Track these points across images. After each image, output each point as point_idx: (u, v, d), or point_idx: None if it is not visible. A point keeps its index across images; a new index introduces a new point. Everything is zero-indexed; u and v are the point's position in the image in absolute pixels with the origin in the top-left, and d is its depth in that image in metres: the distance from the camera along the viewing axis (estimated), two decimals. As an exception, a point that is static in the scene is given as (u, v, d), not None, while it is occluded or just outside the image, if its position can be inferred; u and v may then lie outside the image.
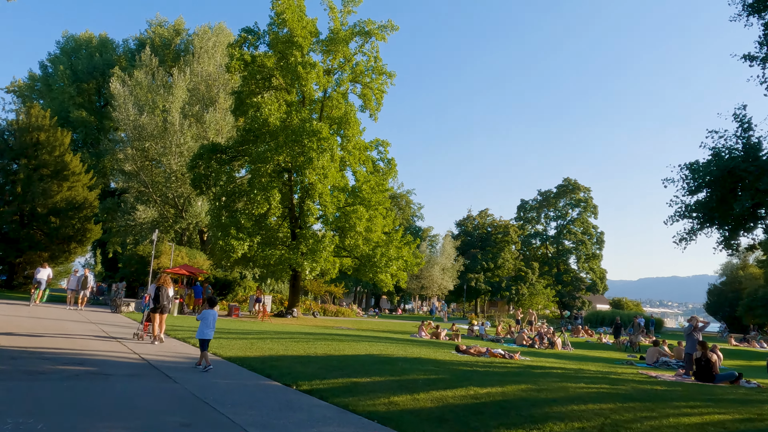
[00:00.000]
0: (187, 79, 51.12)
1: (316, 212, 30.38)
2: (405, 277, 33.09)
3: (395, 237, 33.25)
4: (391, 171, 35.76)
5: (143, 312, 14.31)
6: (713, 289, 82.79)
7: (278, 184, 29.96)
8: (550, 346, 24.24)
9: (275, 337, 15.90)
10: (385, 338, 18.79)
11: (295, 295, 33.97)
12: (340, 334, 19.12)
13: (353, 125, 31.31)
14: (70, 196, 37.06)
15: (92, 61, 62.92)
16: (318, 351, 12.46)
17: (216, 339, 14.16)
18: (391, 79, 35.43)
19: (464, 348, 13.92)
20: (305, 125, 28.97)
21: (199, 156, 34.16)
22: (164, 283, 13.08)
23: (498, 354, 13.35)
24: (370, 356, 11.97)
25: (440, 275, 62.06)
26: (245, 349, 12.45)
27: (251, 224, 29.88)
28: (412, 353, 13.03)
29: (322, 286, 46.51)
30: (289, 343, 14.09)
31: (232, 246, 28.48)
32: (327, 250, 29.22)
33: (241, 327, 20.39)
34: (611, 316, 66.44)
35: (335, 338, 16.04)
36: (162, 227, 52.81)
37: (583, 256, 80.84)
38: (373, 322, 37.38)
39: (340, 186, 32.12)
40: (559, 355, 19.35)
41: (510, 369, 11.31)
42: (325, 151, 28.94)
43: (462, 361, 12.02)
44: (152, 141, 49.40)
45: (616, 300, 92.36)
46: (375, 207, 32.48)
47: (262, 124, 29.83)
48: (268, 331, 18.25)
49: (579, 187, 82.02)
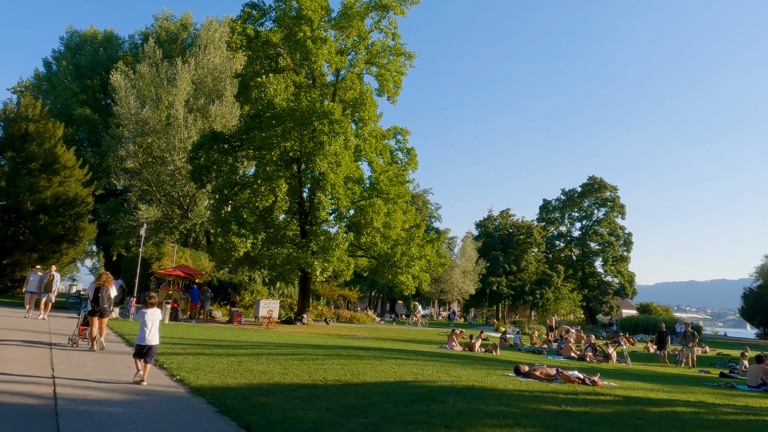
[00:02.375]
0: (191, 70, 48.08)
1: (329, 206, 26.87)
2: (428, 279, 29.45)
3: (417, 234, 29.63)
4: (411, 162, 32.20)
5: (79, 315, 12.89)
6: (749, 294, 78.18)
7: (285, 173, 26.53)
8: (605, 359, 20.45)
9: (275, 352, 12.36)
10: (412, 351, 15.18)
11: (305, 299, 30.46)
12: (356, 346, 15.52)
13: (369, 107, 27.80)
14: (61, 192, 34.00)
15: (96, 56, 60.35)
16: (328, 376, 8.89)
17: (196, 356, 10.69)
18: (410, 61, 31.98)
19: (526, 369, 10.30)
20: (315, 105, 25.55)
21: (199, 145, 30.91)
22: (105, 283, 11.47)
23: (575, 378, 9.72)
24: (402, 385, 8.38)
25: (461, 278, 58.24)
26: (228, 372, 8.94)
27: (255, 219, 26.47)
28: (459, 378, 9.42)
29: (335, 290, 42.98)
30: (290, 362, 10.55)
31: (233, 243, 25.08)
32: (340, 248, 25.71)
33: (238, 337, 16.91)
34: (645, 322, 62.03)
35: (351, 353, 12.45)
36: (166, 228, 49.78)
37: (610, 259, 76.42)
38: (392, 329, 33.75)
39: (355, 177, 28.62)
40: (629, 373, 15.62)
41: (621, 410, 7.63)
42: (338, 135, 25.49)
43: (536, 393, 8.39)
44: (155, 136, 46.46)
45: (644, 305, 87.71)
46: (394, 200, 28.93)
47: (267, 106, 26.45)
48: (269, 344, 14.73)
49: (605, 186, 77.71)
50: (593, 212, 79.71)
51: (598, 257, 78.83)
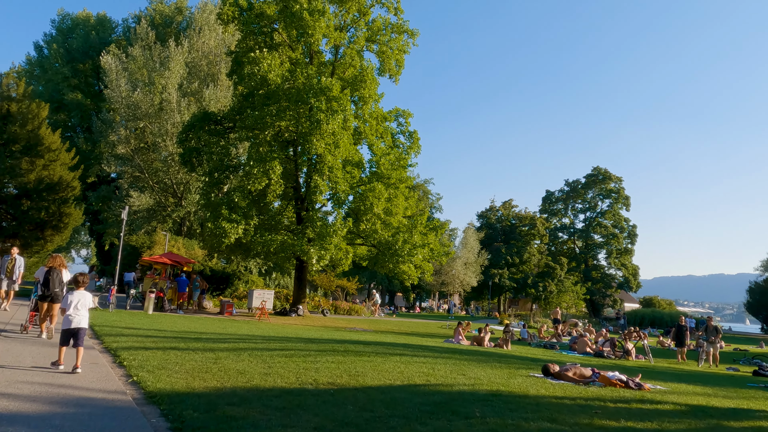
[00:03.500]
0: (185, 52, 46.22)
1: (326, 190, 25.17)
2: (431, 268, 27.83)
3: (420, 221, 27.96)
4: (413, 145, 30.47)
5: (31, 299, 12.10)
6: (755, 288, 76.59)
7: (279, 155, 24.81)
8: (624, 354, 18.85)
9: (261, 346, 10.74)
10: (417, 346, 13.55)
11: (301, 289, 28.82)
12: (354, 340, 13.88)
13: (370, 85, 26.05)
14: (45, 176, 32.22)
15: (88, 40, 58.41)
16: (321, 378, 7.25)
17: (167, 351, 9.07)
18: (413, 39, 30.24)
19: (556, 370, 8.67)
20: (312, 81, 23.80)
21: (189, 127, 29.18)
22: (58, 266, 10.21)
23: (617, 381, 8.09)
24: (412, 390, 6.75)
25: (462, 270, 56.61)
26: (199, 371, 7.32)
27: (247, 204, 24.78)
28: (479, 381, 7.78)
29: (333, 281, 41.35)
30: (277, 359, 8.92)
31: (223, 229, 23.42)
32: (338, 235, 24.06)
33: (224, 329, 15.28)
34: (651, 316, 60.61)
35: (348, 349, 10.81)
36: (159, 216, 48.12)
37: (614, 251, 74.81)
38: (392, 322, 32.17)
39: (355, 160, 26.90)
40: (659, 371, 14.02)
41: (697, 426, 6.00)
42: (336, 113, 23.76)
43: (579, 401, 6.75)
44: (147, 121, 44.73)
45: (647, 299, 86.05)
46: (395, 185, 27.25)
47: (260, 83, 24.69)
48: (256, 337, 13.10)
49: (610, 177, 75.98)
50: (597, 204, 78.09)
51: (602, 250, 77.27)
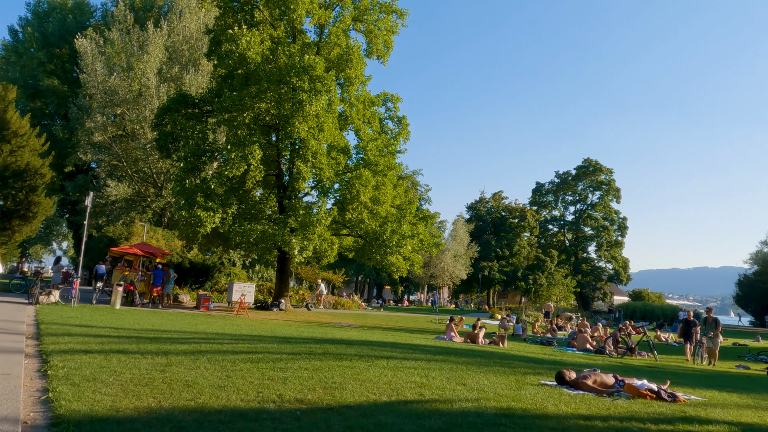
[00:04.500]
0: (164, 35, 44.22)
1: (309, 177, 23.62)
2: (420, 260, 26.44)
3: (409, 210, 26.53)
4: (402, 131, 28.97)
5: None
6: (744, 280, 76.33)
7: (259, 138, 23.20)
8: (628, 352, 17.60)
9: (226, 348, 9.24)
10: (406, 346, 12.13)
11: (283, 282, 27.30)
12: (336, 339, 12.43)
13: (357, 64, 24.48)
14: (12, 162, 30.34)
15: (65, 24, 56.03)
16: (288, 392, 5.79)
17: (110, 355, 7.58)
18: (402, 20, 28.69)
19: (572, 377, 7.31)
20: (294, 59, 22.21)
21: (165, 110, 27.43)
22: None
23: (647, 392, 6.75)
24: (403, 410, 5.31)
25: (452, 263, 55.35)
26: (138, 383, 5.84)
27: (225, 191, 23.19)
28: (484, 392, 6.38)
29: (318, 273, 39.83)
30: (240, 364, 7.44)
31: (198, 218, 21.81)
32: (322, 224, 22.55)
33: (193, 327, 13.76)
34: (642, 309, 59.79)
35: (328, 351, 9.34)
36: (138, 207, 46.29)
37: (604, 243, 74.06)
38: (379, 316, 30.79)
39: (340, 146, 25.35)
40: (671, 372, 12.75)
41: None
42: (320, 94, 22.19)
43: (612, 423, 5.38)
44: (125, 107, 42.83)
45: (637, 291, 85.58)
46: (383, 172, 25.77)
47: (239, 61, 23.03)
48: (225, 336, 11.60)
49: (601, 169, 75.10)
50: (588, 196, 77.32)
51: (592, 242, 76.57)
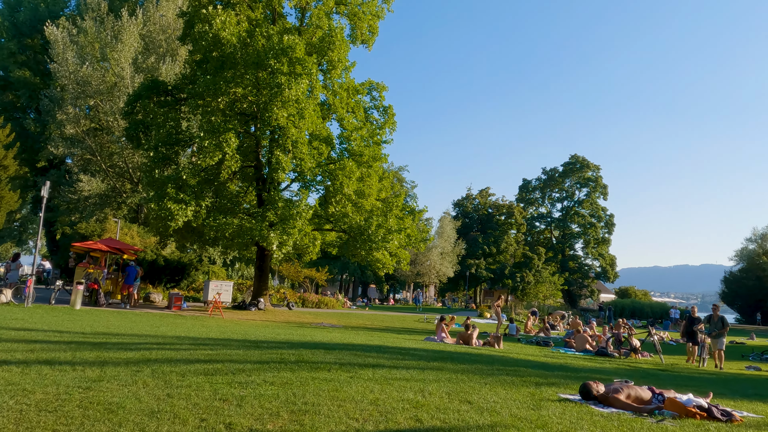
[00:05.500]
0: (139, 23, 42.32)
1: (289, 167, 22.09)
2: (407, 256, 25.04)
3: (395, 203, 25.13)
4: (388, 121, 27.54)
5: None
6: (730, 278, 76.21)
7: (235, 125, 21.61)
8: (631, 352, 16.39)
9: (180, 356, 7.76)
10: (394, 350, 10.73)
11: (262, 280, 25.74)
12: (315, 342, 10.98)
13: (339, 47, 22.98)
14: (-29, 154, 28.44)
15: (37, 12, 53.80)
16: (241, 421, 4.36)
17: (30, 366, 6.06)
18: (387, 4, 27.30)
19: (601, 391, 5.96)
20: (273, 41, 20.68)
21: (136, 97, 25.76)
22: None
23: (695, 410, 5.44)
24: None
25: (439, 260, 54.05)
26: (44, 408, 4.40)
27: (198, 181, 21.60)
28: (496, 414, 4.99)
29: (300, 271, 38.23)
30: (189, 378, 5.98)
31: (169, 211, 20.18)
32: (303, 217, 21.06)
33: (154, 330, 12.22)
34: (631, 306, 58.94)
35: (303, 357, 7.90)
36: (114, 203, 44.37)
37: (592, 241, 73.37)
38: (364, 315, 29.36)
39: (323, 136, 23.84)
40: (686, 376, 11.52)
41: None
42: (300, 77, 20.69)
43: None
44: (99, 98, 40.89)
45: (623, 289, 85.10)
46: (368, 163, 24.34)
47: (213, 43, 21.43)
48: (186, 339, 10.10)
49: (588, 165, 74.38)
50: (574, 192, 76.57)
51: (579, 239, 75.87)
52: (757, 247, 76.00)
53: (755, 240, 77.22)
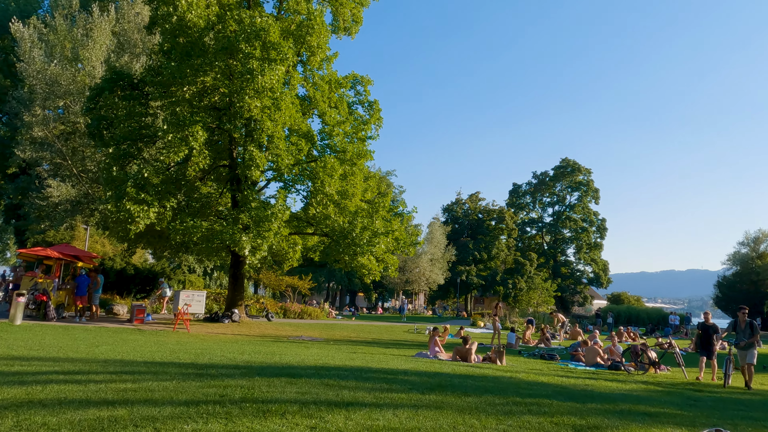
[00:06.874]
0: (112, 20, 40.07)
1: (264, 164, 19.98)
2: (396, 262, 22.98)
3: (382, 204, 23.11)
4: (373, 117, 25.58)
5: None
6: (723, 282, 75.00)
7: (204, 118, 19.50)
8: (650, 366, 14.44)
9: (78, 394, 5.64)
10: (380, 373, 8.67)
11: (237, 289, 23.52)
12: (282, 365, 8.87)
13: (319, 31, 20.97)
14: None
15: (7, 12, 51.26)
16: None
17: None
18: (372, -8, 25.42)
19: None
20: (244, 23, 18.65)
21: (98, 91, 23.55)
22: None
23: None
24: None
25: (428, 267, 52.04)
26: None
27: (161, 180, 19.44)
28: None
29: (282, 279, 35.98)
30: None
31: (128, 213, 17.98)
32: (278, 218, 18.94)
33: (87, 349, 10.05)
34: (627, 312, 57.23)
35: (251, 398, 5.80)
36: (86, 210, 41.88)
37: (584, 246, 71.78)
38: (350, 326, 27.25)
39: (302, 131, 21.78)
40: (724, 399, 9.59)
41: None
42: (275, 63, 18.66)
43: None
44: (68, 99, 38.49)
45: (616, 294, 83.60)
46: (352, 161, 22.32)
47: (178, 26, 19.35)
48: (115, 364, 7.95)
49: (579, 169, 72.96)
50: (566, 197, 75.06)
51: (571, 244, 74.25)
52: (750, 251, 74.94)
53: (748, 244, 76.12)
